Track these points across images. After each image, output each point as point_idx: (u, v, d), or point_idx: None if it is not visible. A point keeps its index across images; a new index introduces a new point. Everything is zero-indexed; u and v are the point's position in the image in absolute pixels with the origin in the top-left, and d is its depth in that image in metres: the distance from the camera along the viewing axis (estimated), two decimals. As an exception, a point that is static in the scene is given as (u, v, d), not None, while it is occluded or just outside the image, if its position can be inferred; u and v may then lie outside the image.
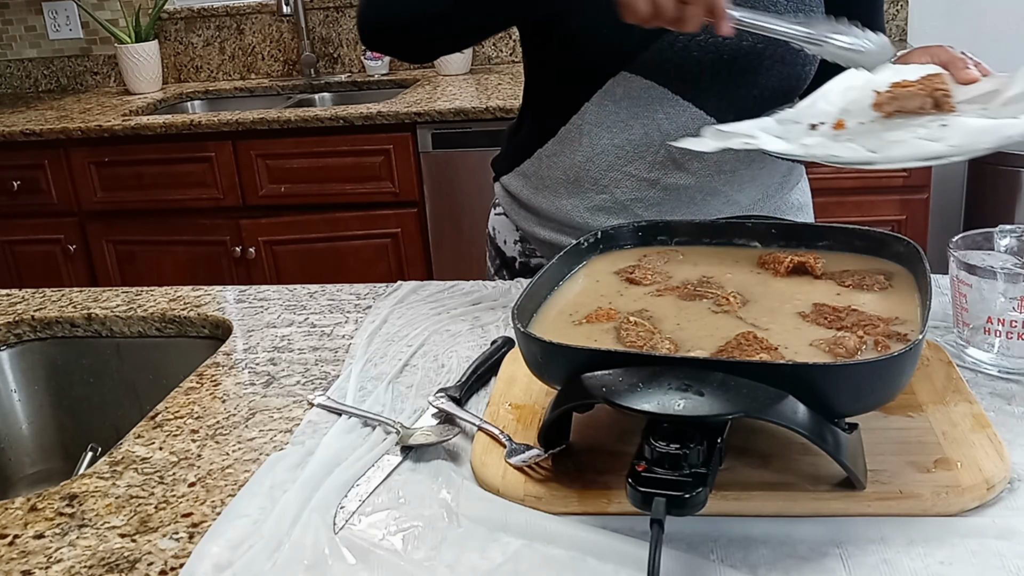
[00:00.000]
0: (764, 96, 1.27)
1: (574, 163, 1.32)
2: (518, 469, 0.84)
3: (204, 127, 2.72)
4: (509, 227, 1.45)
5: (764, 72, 1.25)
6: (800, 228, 1.06)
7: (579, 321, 0.91)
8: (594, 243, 1.06)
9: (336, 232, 2.74)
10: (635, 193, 1.32)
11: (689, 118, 1.27)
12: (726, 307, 0.92)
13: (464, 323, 1.20)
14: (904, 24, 2.96)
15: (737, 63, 1.23)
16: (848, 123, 1.08)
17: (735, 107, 1.26)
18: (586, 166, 1.32)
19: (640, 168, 1.30)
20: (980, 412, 0.88)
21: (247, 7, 3.33)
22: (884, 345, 0.83)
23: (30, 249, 2.96)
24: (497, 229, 1.50)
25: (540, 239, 1.41)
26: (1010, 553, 0.72)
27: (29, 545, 0.83)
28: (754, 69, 1.24)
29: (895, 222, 2.50)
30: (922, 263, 0.93)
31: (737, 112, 1.23)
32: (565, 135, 1.33)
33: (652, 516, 0.69)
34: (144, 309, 1.34)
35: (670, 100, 1.26)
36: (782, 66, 1.25)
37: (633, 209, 1.32)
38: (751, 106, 1.25)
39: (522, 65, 1.41)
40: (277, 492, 0.86)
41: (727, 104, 1.27)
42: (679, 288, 0.97)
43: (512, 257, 1.45)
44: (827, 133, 1.07)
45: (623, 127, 1.28)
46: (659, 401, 0.71)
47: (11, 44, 3.52)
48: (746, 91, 1.26)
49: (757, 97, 1.27)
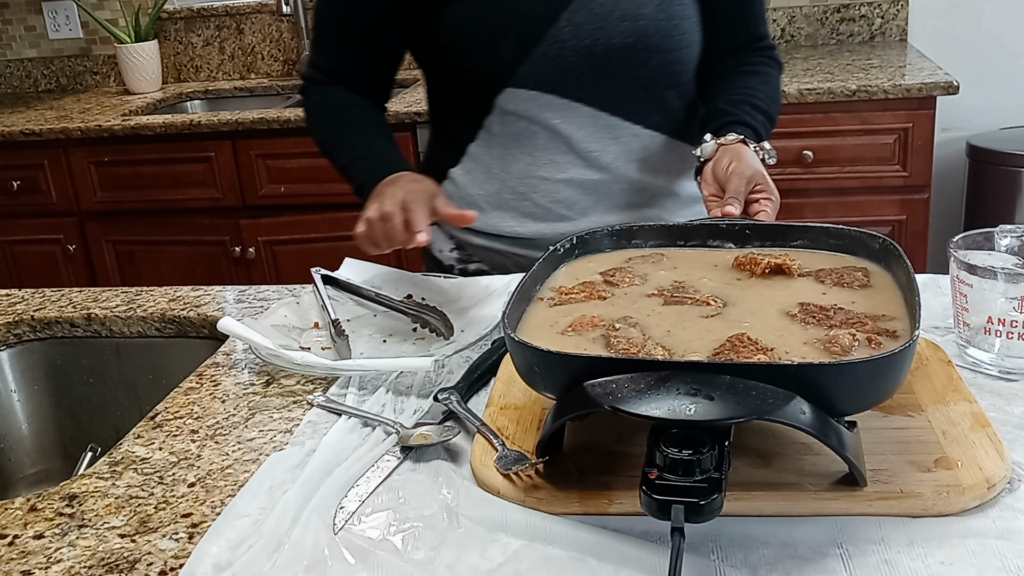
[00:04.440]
0: (651, 83, 1.32)
1: (489, 179, 1.37)
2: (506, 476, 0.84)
3: (204, 127, 2.72)
4: (442, 236, 1.47)
5: (642, 63, 1.30)
6: (774, 228, 1.06)
7: (563, 331, 0.90)
8: (570, 248, 1.06)
9: (336, 232, 2.73)
10: (554, 196, 1.36)
11: (583, 116, 1.32)
12: (710, 311, 0.92)
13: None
14: (904, 24, 2.96)
15: (612, 60, 1.29)
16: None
17: (623, 98, 1.32)
18: (501, 180, 1.37)
19: (552, 171, 1.35)
20: (980, 411, 0.88)
21: (247, 7, 3.32)
22: (876, 342, 0.83)
23: (30, 249, 2.96)
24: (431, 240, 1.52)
25: (475, 245, 1.43)
26: (1010, 553, 0.72)
27: (29, 545, 0.83)
28: (631, 62, 1.29)
29: (895, 222, 2.49)
30: (901, 259, 0.93)
31: (630, 100, 1.31)
32: (474, 155, 1.38)
33: (673, 524, 0.69)
34: (144, 309, 1.34)
35: (559, 104, 1.31)
36: (659, 54, 1.30)
37: (556, 211, 1.37)
38: (640, 94, 1.32)
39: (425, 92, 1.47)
40: (277, 492, 0.86)
41: (615, 97, 1.32)
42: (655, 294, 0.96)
43: (450, 264, 1.47)
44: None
45: (525, 138, 1.33)
46: (669, 407, 0.71)
47: (11, 44, 3.52)
48: (631, 83, 1.31)
49: (645, 85, 1.32)
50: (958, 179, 2.95)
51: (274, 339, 1.13)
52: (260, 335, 1.13)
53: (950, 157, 2.95)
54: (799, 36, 3.03)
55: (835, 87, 2.40)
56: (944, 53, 2.84)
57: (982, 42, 2.93)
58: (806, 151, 2.45)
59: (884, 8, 2.96)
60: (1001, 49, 2.93)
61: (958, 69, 2.60)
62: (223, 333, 1.16)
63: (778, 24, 3.02)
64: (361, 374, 1.07)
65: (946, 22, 2.94)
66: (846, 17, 2.99)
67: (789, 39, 3.04)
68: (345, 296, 1.29)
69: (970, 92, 2.66)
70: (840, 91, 2.40)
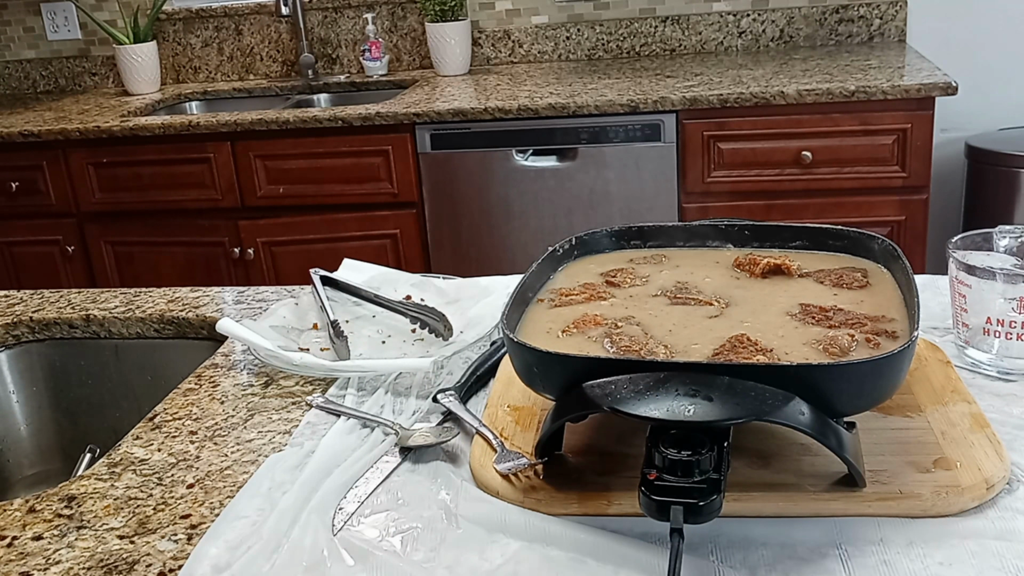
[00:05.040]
0: None
1: None
2: (505, 477, 0.84)
3: (202, 128, 2.71)
4: None
5: None
6: (774, 229, 1.07)
7: (565, 329, 0.90)
8: (569, 249, 1.06)
9: (335, 233, 2.73)
10: None
11: None
12: (713, 311, 0.92)
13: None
14: (903, 25, 2.96)
15: None
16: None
17: None
18: None
19: None
20: (979, 412, 0.88)
21: (245, 8, 3.32)
22: (875, 343, 0.83)
23: (28, 250, 2.95)
24: None
25: None
26: (1009, 554, 0.72)
27: (28, 547, 0.82)
28: None
29: (895, 223, 2.49)
30: (900, 260, 0.93)
31: None
32: None
33: (672, 525, 0.69)
34: (142, 310, 1.34)
35: None
36: None
37: None
38: None
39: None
40: (276, 493, 0.86)
41: None
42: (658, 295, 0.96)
43: None
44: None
45: None
46: (668, 407, 0.71)
47: (9, 45, 3.52)
48: None
49: None
50: (957, 180, 2.95)
51: (273, 340, 1.13)
52: (259, 336, 1.13)
53: (949, 158, 2.95)
54: (798, 37, 3.03)
55: (834, 88, 2.40)
56: (943, 54, 2.84)
57: (981, 43, 2.93)
58: (805, 152, 2.45)
59: (883, 9, 2.96)
60: (1000, 50, 2.93)
61: (957, 70, 2.60)
62: (222, 334, 1.15)
63: (777, 25, 3.03)
64: (360, 375, 1.07)
65: (945, 23, 2.94)
66: (845, 18, 2.99)
67: (788, 40, 3.04)
68: (344, 297, 1.29)
69: (969, 93, 2.66)
70: (839, 92, 2.40)
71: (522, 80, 2.87)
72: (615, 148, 2.55)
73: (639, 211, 2.58)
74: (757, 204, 2.51)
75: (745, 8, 3.03)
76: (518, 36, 3.16)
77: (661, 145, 2.52)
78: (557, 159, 2.60)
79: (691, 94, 2.47)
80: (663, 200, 2.57)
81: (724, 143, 2.49)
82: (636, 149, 2.54)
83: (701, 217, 1.76)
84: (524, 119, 2.56)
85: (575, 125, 2.55)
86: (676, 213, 2.58)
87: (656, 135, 2.51)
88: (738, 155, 2.50)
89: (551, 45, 3.16)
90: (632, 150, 2.54)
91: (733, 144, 2.49)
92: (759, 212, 2.49)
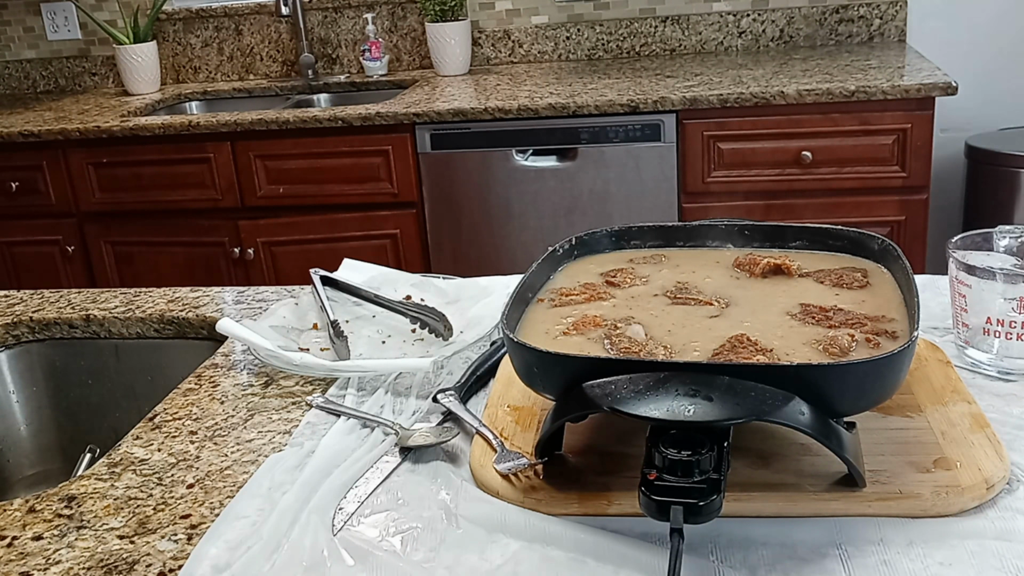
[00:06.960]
0: None
1: None
2: (505, 477, 0.84)
3: (202, 128, 2.71)
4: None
5: None
6: (774, 229, 1.07)
7: (565, 330, 0.90)
8: (569, 249, 1.06)
9: (335, 233, 2.73)
10: None
11: None
12: (713, 311, 0.92)
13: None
14: (903, 25, 2.96)
15: None
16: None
17: None
18: None
19: None
20: (979, 412, 0.88)
21: (245, 8, 3.32)
22: (875, 343, 0.83)
23: (28, 250, 2.95)
24: None
25: None
26: (1009, 554, 0.72)
27: (27, 547, 0.82)
28: None
29: (895, 223, 2.49)
30: (900, 260, 0.93)
31: None
32: None
33: (672, 525, 0.69)
34: (142, 310, 1.34)
35: None
36: None
37: None
38: None
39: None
40: (276, 493, 0.86)
41: None
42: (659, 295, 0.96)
43: None
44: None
45: None
46: (668, 407, 0.71)
47: (9, 45, 3.51)
48: None
49: None
50: (957, 180, 2.95)
51: (273, 340, 1.13)
52: (259, 336, 1.13)
53: (949, 158, 2.95)
54: (798, 37, 3.03)
55: (834, 88, 2.40)
56: (943, 54, 2.84)
57: (981, 43, 2.93)
58: (805, 152, 2.45)
59: (883, 9, 2.96)
60: (1000, 50, 2.93)
61: (957, 70, 2.60)
62: (222, 334, 1.15)
63: (777, 25, 3.03)
64: (360, 375, 1.07)
65: (945, 23, 2.94)
66: (845, 18, 2.99)
67: (788, 40, 3.04)
68: (344, 297, 1.29)
69: (969, 93, 2.66)
70: (839, 92, 2.40)
71: (522, 80, 2.87)
72: (615, 148, 2.55)
73: (639, 211, 2.58)
74: (757, 204, 2.51)
75: (745, 8, 3.03)
76: (518, 36, 3.16)
77: (661, 145, 2.52)
78: (557, 159, 2.60)
79: (691, 94, 2.47)
80: (663, 200, 2.57)
81: (724, 143, 2.49)
82: (636, 149, 2.54)
83: (701, 217, 1.76)
84: (524, 119, 2.56)
85: (575, 125, 2.55)
86: (676, 213, 2.58)
87: (656, 135, 2.51)
88: (738, 155, 2.50)
89: (551, 45, 3.16)
90: (632, 150, 2.54)
91: (733, 144, 2.49)
92: (759, 212, 2.49)
